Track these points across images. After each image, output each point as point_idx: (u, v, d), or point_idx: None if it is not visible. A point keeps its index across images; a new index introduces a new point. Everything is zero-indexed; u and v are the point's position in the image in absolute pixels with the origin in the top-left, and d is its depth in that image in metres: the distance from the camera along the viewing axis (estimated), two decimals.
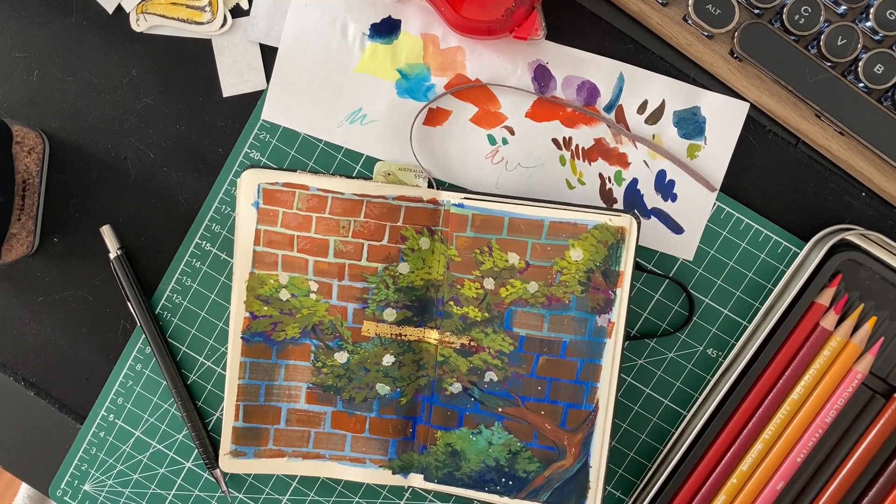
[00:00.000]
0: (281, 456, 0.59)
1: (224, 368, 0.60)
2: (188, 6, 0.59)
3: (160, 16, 0.59)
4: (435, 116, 0.59)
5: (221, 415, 0.60)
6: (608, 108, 0.59)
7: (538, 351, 0.57)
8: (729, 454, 0.57)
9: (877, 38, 0.57)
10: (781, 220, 0.59)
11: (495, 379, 0.57)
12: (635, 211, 0.59)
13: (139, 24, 0.60)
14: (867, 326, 0.57)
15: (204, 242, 0.60)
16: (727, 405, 0.57)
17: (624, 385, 0.60)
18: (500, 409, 0.58)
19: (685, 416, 0.59)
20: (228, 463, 0.59)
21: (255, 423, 0.59)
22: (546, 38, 0.58)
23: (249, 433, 0.59)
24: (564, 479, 0.57)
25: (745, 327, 0.59)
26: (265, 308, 0.58)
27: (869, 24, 0.56)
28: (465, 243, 0.57)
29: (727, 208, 0.59)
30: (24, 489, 0.90)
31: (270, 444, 0.59)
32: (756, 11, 0.57)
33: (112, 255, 0.59)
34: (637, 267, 0.58)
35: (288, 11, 0.59)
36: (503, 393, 0.57)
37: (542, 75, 0.59)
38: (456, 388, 0.58)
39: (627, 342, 0.59)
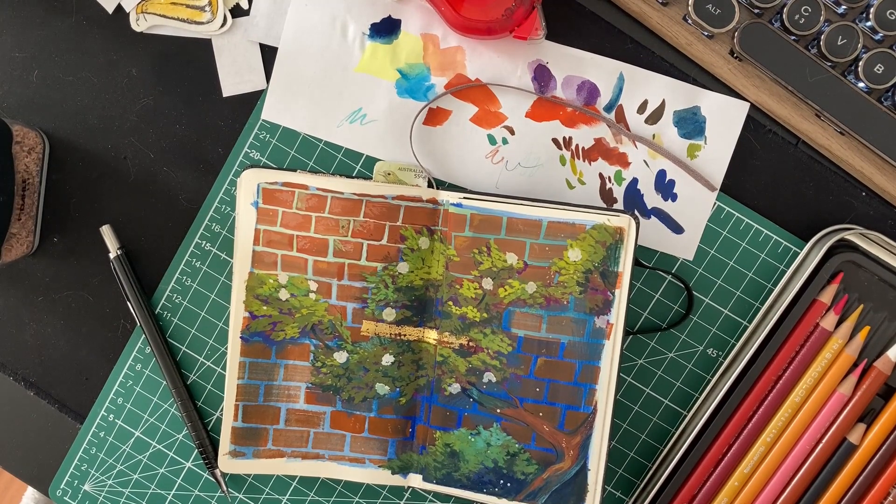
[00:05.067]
0: (280, 456, 0.59)
1: (224, 368, 0.60)
2: (188, 6, 0.59)
3: (160, 16, 0.59)
4: (435, 116, 0.59)
5: (221, 415, 0.61)
6: (608, 108, 0.59)
7: (536, 352, 0.57)
8: (729, 455, 0.57)
9: (877, 37, 0.57)
10: (781, 220, 0.59)
11: (494, 380, 0.57)
12: (634, 211, 0.59)
13: (139, 24, 0.60)
14: (859, 338, 0.57)
15: (204, 242, 0.60)
16: (727, 405, 0.57)
17: (624, 385, 0.60)
18: (498, 411, 0.57)
19: (685, 416, 0.59)
20: (228, 463, 0.59)
21: (254, 423, 0.59)
22: (546, 38, 0.58)
23: (248, 433, 0.59)
24: (563, 482, 0.57)
25: (745, 327, 0.59)
26: (264, 308, 0.58)
27: (869, 23, 0.56)
28: (464, 243, 0.57)
29: (727, 208, 0.59)
30: (31, 490, 0.90)
31: (269, 444, 0.59)
32: (756, 11, 0.57)
33: (112, 255, 0.59)
34: (637, 263, 0.58)
35: (288, 11, 0.59)
36: (501, 394, 0.57)
37: (542, 75, 0.59)
38: (455, 388, 0.58)
39: (629, 339, 0.59)
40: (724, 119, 0.58)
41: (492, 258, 0.56)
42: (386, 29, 0.59)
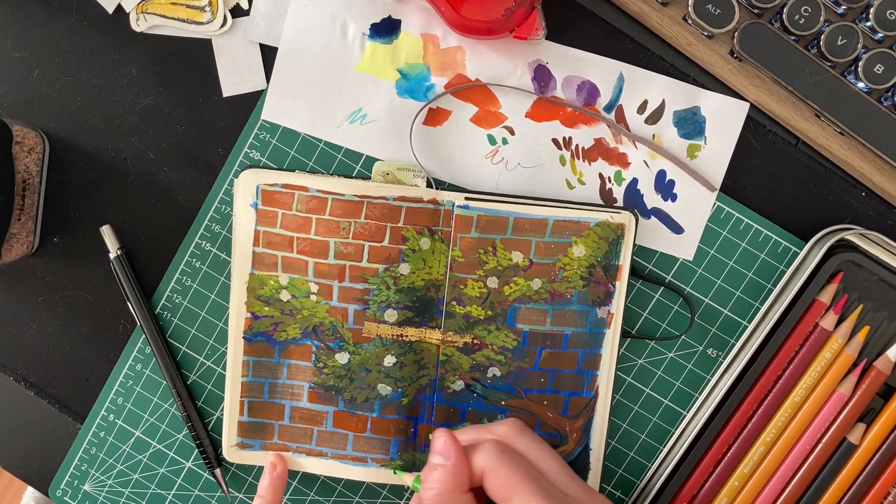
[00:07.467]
0: (286, 451, 0.59)
1: (224, 368, 0.60)
2: (188, 6, 0.59)
3: (160, 16, 0.59)
4: (435, 116, 0.59)
5: (221, 414, 0.60)
6: (608, 108, 0.59)
7: (541, 345, 0.57)
8: (729, 455, 0.57)
9: (877, 37, 0.57)
10: (781, 220, 0.59)
11: (498, 374, 0.58)
12: (635, 210, 0.59)
13: (139, 24, 0.60)
14: (858, 338, 0.57)
15: (204, 242, 0.60)
16: (727, 405, 0.57)
17: (624, 385, 0.60)
18: (503, 403, 0.58)
19: (685, 416, 0.59)
20: (236, 454, 0.59)
21: (260, 417, 0.59)
22: (546, 38, 0.58)
23: (255, 427, 0.59)
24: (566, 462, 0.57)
25: (745, 327, 0.59)
26: (266, 308, 0.58)
27: (869, 23, 0.56)
28: (470, 244, 0.57)
29: (727, 208, 0.59)
30: (31, 490, 0.90)
31: (276, 438, 0.59)
32: (756, 11, 0.57)
33: (112, 255, 0.59)
34: (634, 273, 0.58)
35: (288, 11, 0.59)
36: (506, 387, 0.58)
37: (542, 75, 0.59)
38: (458, 385, 0.58)
39: (628, 341, 0.59)
40: (724, 119, 0.58)
41: (497, 257, 0.57)
42: (386, 29, 0.59)
